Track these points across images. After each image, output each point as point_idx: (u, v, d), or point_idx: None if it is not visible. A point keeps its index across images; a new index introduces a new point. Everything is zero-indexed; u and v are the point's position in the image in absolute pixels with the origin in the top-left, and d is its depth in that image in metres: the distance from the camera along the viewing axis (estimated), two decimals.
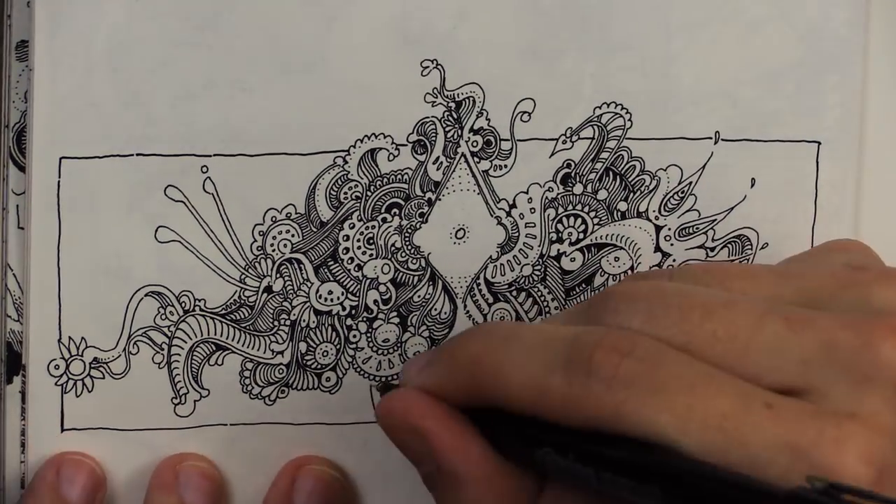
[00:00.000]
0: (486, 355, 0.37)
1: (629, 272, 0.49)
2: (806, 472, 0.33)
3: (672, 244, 0.49)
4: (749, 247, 0.50)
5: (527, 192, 0.48)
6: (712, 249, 0.49)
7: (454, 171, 0.47)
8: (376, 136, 0.47)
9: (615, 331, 0.36)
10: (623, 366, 0.35)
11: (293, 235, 0.47)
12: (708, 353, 0.35)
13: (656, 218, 0.49)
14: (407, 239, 0.48)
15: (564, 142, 0.48)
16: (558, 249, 0.49)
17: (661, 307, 0.36)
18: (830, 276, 0.38)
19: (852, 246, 0.43)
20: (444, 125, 0.47)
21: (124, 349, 0.47)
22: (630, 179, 0.49)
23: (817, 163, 0.50)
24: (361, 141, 0.47)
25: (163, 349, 0.47)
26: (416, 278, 0.48)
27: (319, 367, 0.48)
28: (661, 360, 0.35)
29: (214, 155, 0.46)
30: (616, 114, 0.48)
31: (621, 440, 0.35)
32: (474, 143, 0.47)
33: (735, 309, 0.36)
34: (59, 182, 0.45)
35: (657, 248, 0.49)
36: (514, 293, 0.49)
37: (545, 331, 0.37)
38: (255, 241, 0.47)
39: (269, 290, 0.47)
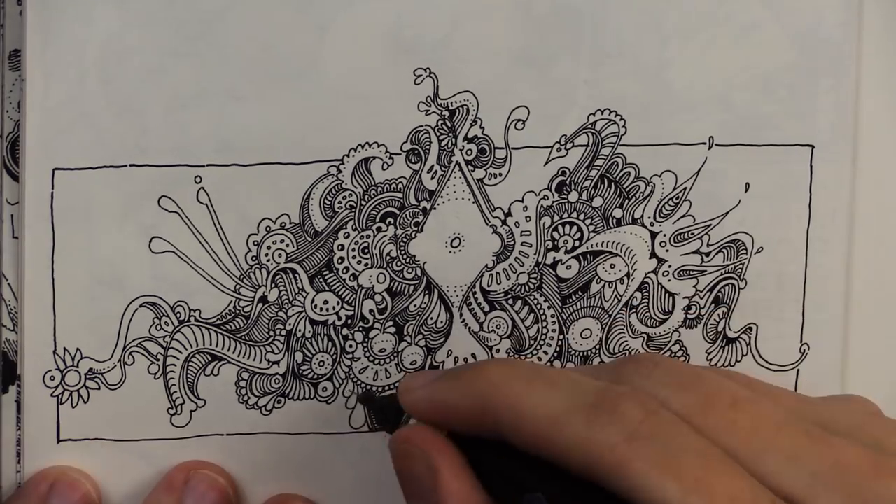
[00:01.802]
0: (506, 384, 0.38)
1: (625, 279, 0.49)
2: None
3: (667, 250, 0.49)
4: (744, 251, 0.50)
5: (522, 201, 0.48)
6: (707, 255, 0.49)
7: (449, 179, 0.47)
8: (370, 145, 0.47)
9: (644, 392, 0.37)
10: (646, 423, 0.35)
11: (288, 245, 0.47)
12: (723, 440, 0.36)
13: (651, 224, 0.49)
14: (402, 248, 0.48)
15: (559, 149, 0.48)
16: (554, 257, 0.49)
17: (692, 383, 0.37)
18: (850, 412, 0.39)
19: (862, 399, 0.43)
20: (438, 134, 0.47)
21: (119, 360, 0.47)
22: (625, 186, 0.48)
23: (811, 166, 0.50)
24: (355, 150, 0.47)
25: (158, 360, 0.47)
26: (411, 287, 0.48)
27: (316, 377, 0.48)
28: (682, 431, 0.35)
29: (208, 165, 0.46)
30: (610, 120, 0.48)
31: (618, 500, 0.35)
32: (468, 152, 0.47)
33: (760, 408, 0.37)
34: (52, 193, 0.45)
35: (652, 255, 0.49)
36: (510, 302, 0.48)
37: (572, 374, 0.38)
38: (250, 251, 0.47)
39: (264, 300, 0.47)
